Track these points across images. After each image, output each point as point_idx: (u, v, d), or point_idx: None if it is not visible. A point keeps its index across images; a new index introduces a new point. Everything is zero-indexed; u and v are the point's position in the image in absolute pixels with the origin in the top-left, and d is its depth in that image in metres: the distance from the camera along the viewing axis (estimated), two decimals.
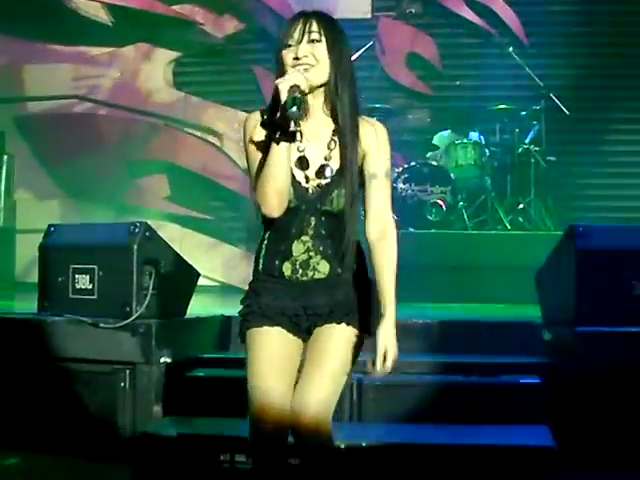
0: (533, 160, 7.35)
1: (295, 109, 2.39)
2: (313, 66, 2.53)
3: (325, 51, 2.54)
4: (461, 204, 7.16)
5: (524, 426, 3.80)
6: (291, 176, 2.54)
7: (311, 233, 2.57)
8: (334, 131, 2.59)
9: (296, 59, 2.52)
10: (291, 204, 2.54)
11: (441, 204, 6.98)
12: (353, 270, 2.61)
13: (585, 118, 7.80)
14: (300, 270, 2.57)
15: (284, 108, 2.41)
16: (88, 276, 4.32)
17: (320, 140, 2.59)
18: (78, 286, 4.36)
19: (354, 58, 2.71)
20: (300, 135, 2.57)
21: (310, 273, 2.57)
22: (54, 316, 4.38)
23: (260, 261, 2.63)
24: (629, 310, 3.93)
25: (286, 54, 2.55)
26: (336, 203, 2.55)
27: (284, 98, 2.41)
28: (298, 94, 2.42)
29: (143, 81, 8.65)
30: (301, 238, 2.57)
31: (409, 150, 7.55)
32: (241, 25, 8.53)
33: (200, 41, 8.56)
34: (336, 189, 2.55)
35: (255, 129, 2.57)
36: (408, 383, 4.01)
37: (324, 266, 2.57)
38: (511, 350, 4.34)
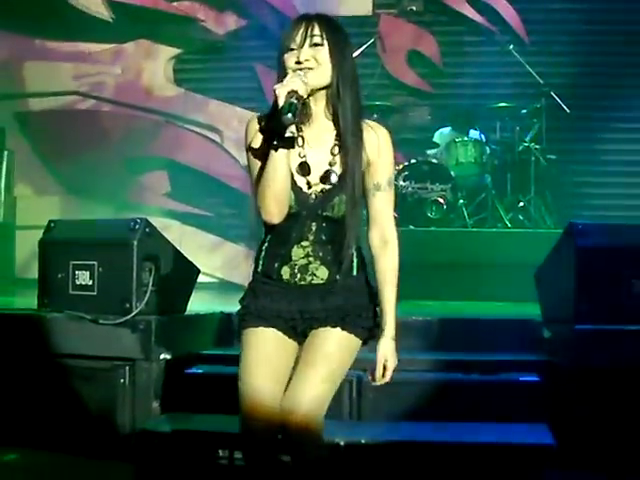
0: (533, 158, 7.35)
1: (290, 115, 2.37)
2: (314, 69, 2.51)
3: (327, 55, 2.53)
4: (461, 202, 7.15)
5: (523, 424, 3.81)
6: (292, 182, 2.52)
7: (311, 238, 2.57)
8: (337, 136, 2.57)
9: (298, 63, 2.51)
10: (292, 210, 2.53)
11: (441, 202, 6.98)
12: (353, 276, 2.60)
13: (585, 116, 7.80)
14: (298, 274, 2.57)
15: (280, 114, 2.39)
16: (88, 272, 4.32)
17: (323, 145, 2.58)
18: (78, 282, 4.36)
19: (355, 55, 2.69)
20: (302, 140, 2.56)
21: (308, 278, 2.57)
22: (54, 312, 4.37)
23: (259, 263, 2.63)
24: (629, 308, 3.93)
25: (288, 57, 2.53)
26: (337, 209, 2.55)
27: (281, 103, 2.39)
28: (295, 100, 2.39)
29: (144, 78, 8.64)
30: (301, 243, 2.56)
31: (409, 147, 7.54)
32: (242, 22, 8.52)
33: (201, 38, 8.55)
34: (338, 195, 2.54)
35: (256, 134, 2.56)
36: (408, 381, 4.00)
37: (323, 272, 2.57)
38: (511, 348, 4.34)
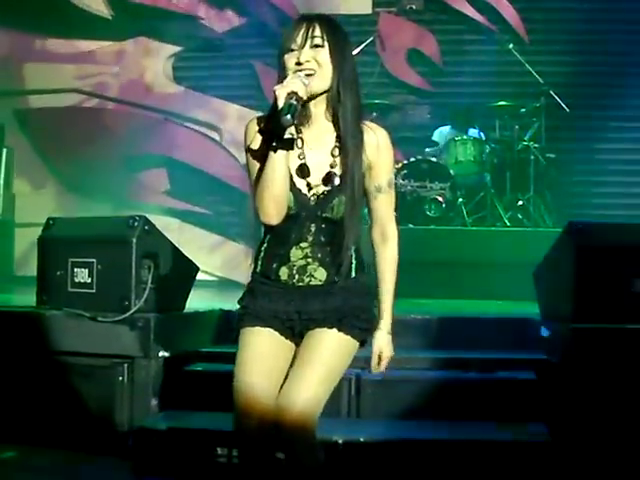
0: (533, 157, 7.36)
1: (289, 116, 2.36)
2: (316, 72, 2.50)
3: (328, 56, 2.51)
4: (460, 200, 7.15)
5: (521, 422, 3.81)
6: (291, 183, 2.51)
7: (310, 240, 2.56)
8: (337, 137, 2.56)
9: (298, 64, 2.50)
10: (291, 211, 2.52)
11: (440, 200, 6.97)
12: (351, 278, 2.60)
13: (585, 115, 7.80)
14: (297, 275, 2.56)
15: (280, 115, 2.38)
16: (87, 270, 4.32)
17: (323, 147, 2.57)
18: (77, 280, 4.36)
19: (354, 53, 2.68)
20: (301, 142, 2.55)
21: (306, 279, 2.56)
22: (53, 310, 4.37)
23: (258, 263, 2.63)
24: (627, 307, 3.93)
25: (288, 58, 2.52)
26: (337, 210, 2.54)
27: (280, 105, 2.38)
28: (294, 101, 2.38)
29: (143, 75, 8.64)
30: (300, 244, 2.55)
31: (409, 146, 7.54)
32: (241, 20, 8.52)
33: (200, 35, 8.55)
34: (337, 196, 2.53)
35: (255, 135, 2.55)
36: (406, 379, 4.01)
37: (321, 273, 2.56)
38: (509, 346, 4.35)
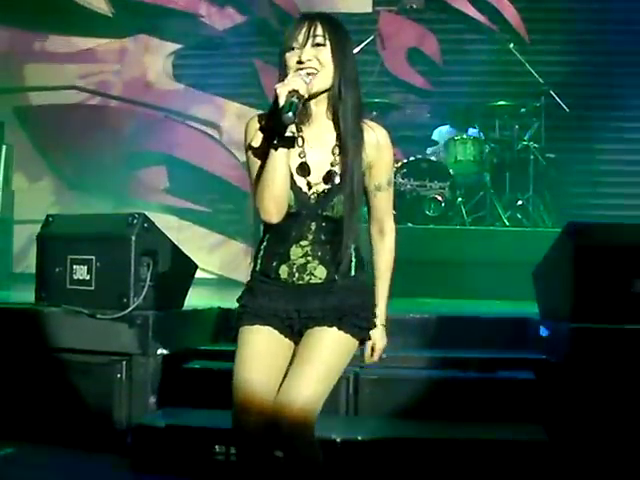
0: (532, 157, 7.35)
1: (290, 114, 2.36)
2: (318, 71, 2.50)
3: (329, 55, 2.52)
4: (460, 200, 7.15)
5: (519, 421, 3.82)
6: (292, 182, 2.51)
7: (311, 238, 2.56)
8: (338, 136, 2.56)
9: (300, 63, 2.50)
10: (291, 209, 2.52)
11: (439, 199, 6.97)
12: (351, 276, 2.60)
13: (585, 116, 7.79)
14: (297, 274, 2.56)
15: (281, 113, 2.38)
16: (86, 267, 4.32)
17: (324, 146, 2.57)
18: (76, 277, 4.35)
19: (355, 52, 2.68)
20: (302, 141, 2.55)
21: (306, 277, 2.56)
22: (51, 306, 4.37)
23: (258, 261, 2.63)
24: (626, 307, 3.93)
25: (290, 57, 2.52)
26: (337, 209, 2.54)
27: (282, 103, 2.38)
28: (296, 99, 2.38)
29: (143, 73, 8.63)
30: (300, 242, 2.55)
31: (408, 145, 7.54)
32: (242, 17, 8.52)
33: (200, 33, 8.55)
34: (337, 195, 2.53)
35: (256, 134, 2.55)
36: (404, 378, 4.02)
37: (321, 271, 2.56)
38: (508, 346, 4.35)
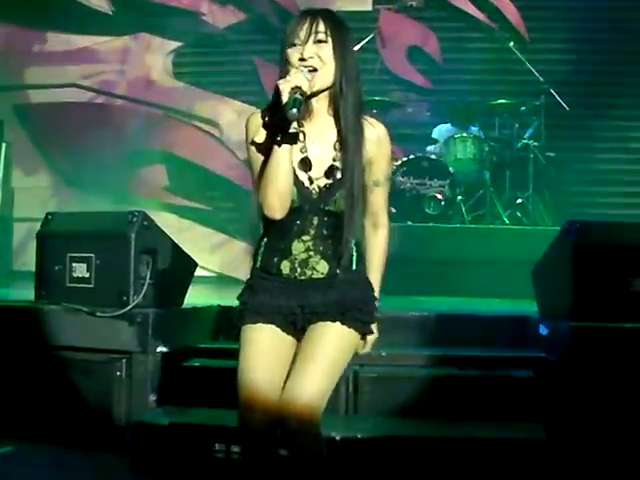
0: (532, 155, 7.36)
1: (295, 110, 2.37)
2: (319, 70, 2.50)
3: (331, 52, 2.52)
4: (459, 198, 7.15)
5: (518, 419, 3.82)
6: (294, 177, 2.52)
7: (312, 233, 2.56)
8: (339, 132, 2.57)
9: (302, 60, 2.50)
10: (294, 204, 2.53)
11: (439, 198, 6.97)
12: (353, 271, 2.60)
13: (585, 114, 7.80)
14: (299, 269, 2.56)
15: (284, 109, 2.39)
16: (85, 265, 4.32)
17: (326, 141, 2.58)
18: (75, 275, 4.35)
19: (355, 50, 2.69)
20: (303, 136, 2.56)
21: (308, 272, 2.56)
22: (51, 304, 4.38)
23: (258, 258, 2.62)
24: (625, 306, 3.94)
25: (291, 53, 2.52)
26: (339, 204, 2.54)
27: (285, 99, 2.39)
28: (299, 95, 2.40)
29: (143, 71, 8.63)
30: (302, 237, 2.56)
31: (408, 143, 7.55)
32: (242, 15, 8.51)
33: (201, 31, 8.54)
34: (340, 190, 2.54)
35: (257, 130, 2.55)
36: (403, 376, 4.02)
37: (323, 266, 2.57)
38: (507, 344, 4.35)
